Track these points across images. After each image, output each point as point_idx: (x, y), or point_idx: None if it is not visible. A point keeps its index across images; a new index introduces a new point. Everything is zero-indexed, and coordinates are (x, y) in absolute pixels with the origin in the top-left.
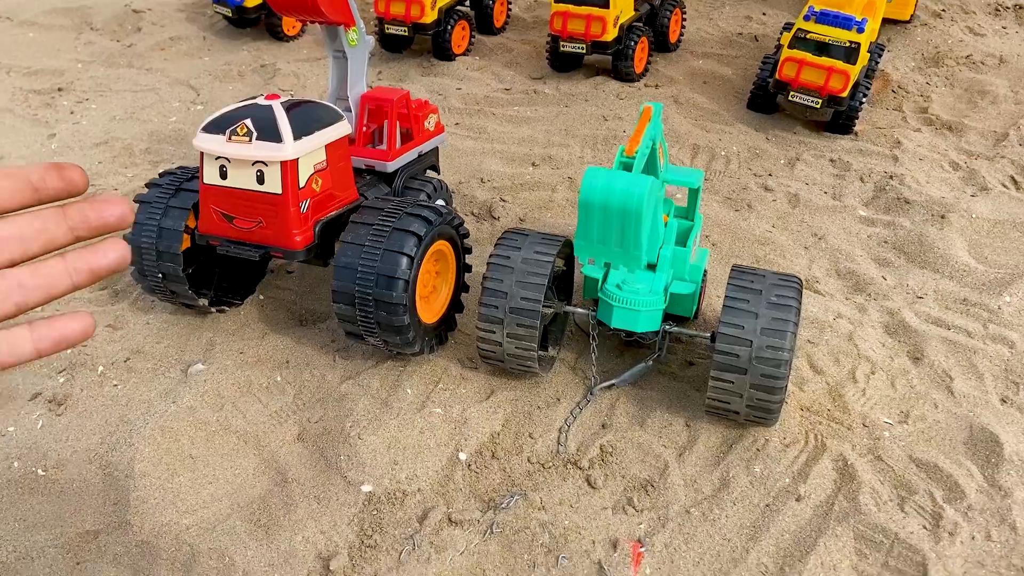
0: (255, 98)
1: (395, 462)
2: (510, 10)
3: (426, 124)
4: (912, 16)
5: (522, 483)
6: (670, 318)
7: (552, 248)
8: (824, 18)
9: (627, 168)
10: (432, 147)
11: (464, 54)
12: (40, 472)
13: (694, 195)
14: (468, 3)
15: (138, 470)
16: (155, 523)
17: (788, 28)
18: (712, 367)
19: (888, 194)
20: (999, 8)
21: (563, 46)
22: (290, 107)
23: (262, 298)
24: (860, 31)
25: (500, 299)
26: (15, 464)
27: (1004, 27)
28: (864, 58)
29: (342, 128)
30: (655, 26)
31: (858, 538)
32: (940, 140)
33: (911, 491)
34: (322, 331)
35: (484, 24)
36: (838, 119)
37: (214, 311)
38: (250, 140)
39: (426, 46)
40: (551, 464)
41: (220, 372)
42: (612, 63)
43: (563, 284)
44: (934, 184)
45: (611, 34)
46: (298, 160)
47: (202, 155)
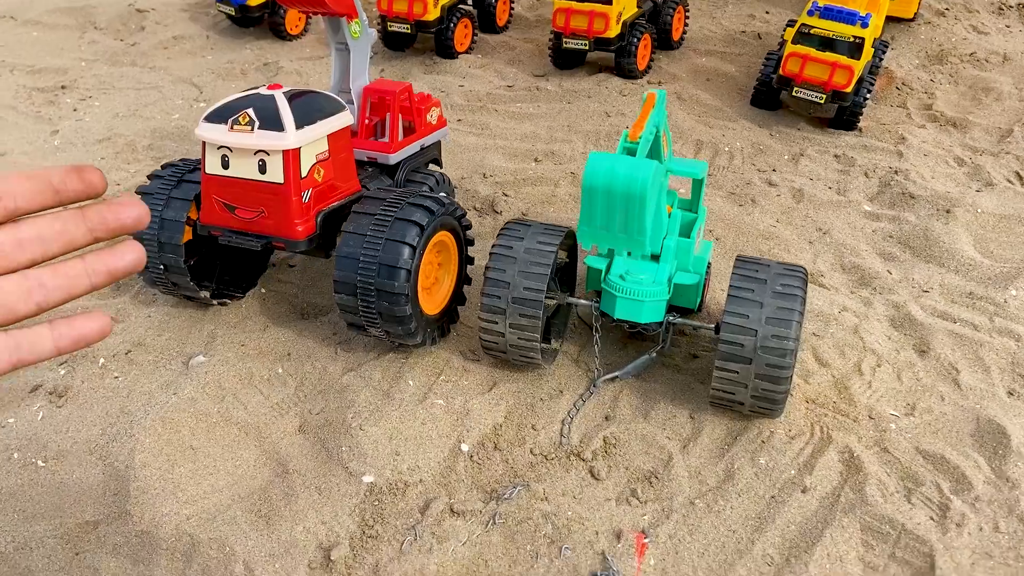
0: (257, 88)
1: (397, 453)
2: (513, 9)
3: (428, 117)
4: (916, 14)
5: (525, 474)
6: (674, 310)
7: (555, 238)
8: (828, 13)
9: (631, 153)
10: (434, 140)
11: (467, 52)
12: (40, 463)
13: (698, 186)
14: (471, 1)
15: (138, 461)
16: (155, 513)
17: (792, 24)
18: (716, 357)
19: (893, 189)
20: (1003, 7)
21: (566, 42)
22: (292, 97)
23: (264, 291)
24: (864, 26)
25: (503, 289)
26: (15, 455)
27: (1008, 25)
28: (868, 53)
29: (344, 118)
30: (658, 23)
31: (865, 529)
32: (945, 136)
33: (918, 482)
34: (324, 324)
35: (487, 23)
36: (842, 115)
37: (216, 304)
38: (252, 129)
39: (429, 44)
40: (554, 456)
41: (221, 364)
42: (615, 60)
43: (566, 277)
44: (939, 179)
45: (614, 30)
46: (300, 149)
47: (204, 145)
